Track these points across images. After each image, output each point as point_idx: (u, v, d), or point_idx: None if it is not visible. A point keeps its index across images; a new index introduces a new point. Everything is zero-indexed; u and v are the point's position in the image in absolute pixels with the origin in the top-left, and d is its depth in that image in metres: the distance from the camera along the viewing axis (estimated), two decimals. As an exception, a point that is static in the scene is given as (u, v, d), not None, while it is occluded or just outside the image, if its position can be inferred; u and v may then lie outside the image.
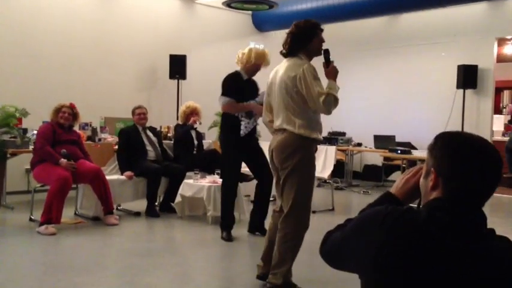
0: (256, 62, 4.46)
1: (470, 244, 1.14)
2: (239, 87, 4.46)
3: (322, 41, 3.16)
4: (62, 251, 4.24)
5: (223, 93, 4.46)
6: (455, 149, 1.22)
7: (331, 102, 2.97)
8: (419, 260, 1.13)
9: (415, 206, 1.34)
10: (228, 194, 4.60)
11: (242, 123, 4.44)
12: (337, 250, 1.34)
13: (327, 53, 3.13)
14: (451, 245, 1.14)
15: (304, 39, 3.11)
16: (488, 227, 1.21)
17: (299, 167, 3.05)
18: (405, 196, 1.42)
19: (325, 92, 2.98)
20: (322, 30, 3.18)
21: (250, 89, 4.53)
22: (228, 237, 4.53)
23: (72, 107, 5.13)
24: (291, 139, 3.07)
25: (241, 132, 4.44)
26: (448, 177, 1.21)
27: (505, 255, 1.16)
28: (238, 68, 4.57)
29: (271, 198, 4.80)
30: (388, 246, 1.16)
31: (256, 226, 4.75)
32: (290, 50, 3.14)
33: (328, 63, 3.12)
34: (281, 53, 3.21)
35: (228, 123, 4.53)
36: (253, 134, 4.59)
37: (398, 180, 1.46)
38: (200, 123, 6.16)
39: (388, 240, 1.17)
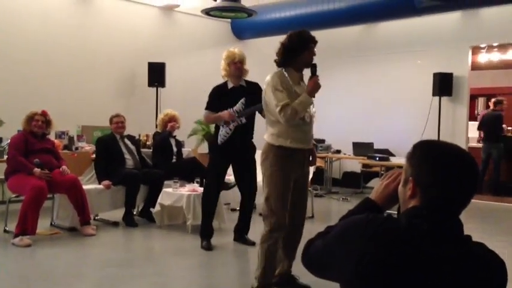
0: (229, 62, 4.41)
1: (449, 251, 1.16)
2: (222, 98, 4.42)
3: (313, 54, 3.24)
4: (38, 262, 4.15)
5: (206, 107, 4.50)
6: (434, 158, 1.23)
7: (286, 113, 3.08)
8: (400, 267, 1.14)
9: (395, 212, 1.35)
10: (208, 202, 4.58)
11: (220, 132, 4.42)
12: (319, 258, 1.33)
13: (313, 67, 3.23)
14: (431, 252, 1.15)
15: (294, 52, 3.20)
16: (465, 231, 1.22)
17: (268, 173, 3.22)
18: (385, 201, 1.43)
19: (282, 103, 3.08)
20: (315, 43, 3.25)
21: (235, 97, 4.42)
22: (208, 247, 4.50)
23: (44, 114, 5.03)
24: (264, 147, 3.29)
25: (218, 141, 4.42)
26: (426, 186, 1.22)
27: (482, 260, 1.18)
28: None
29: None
30: (369, 254, 1.16)
31: (241, 236, 4.74)
32: (282, 60, 3.25)
33: (312, 76, 3.21)
34: (274, 61, 3.31)
35: (214, 133, 4.58)
36: (244, 143, 4.49)
37: (377, 185, 1.47)
38: (178, 127, 6.10)
39: (369, 249, 1.17)
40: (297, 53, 3.19)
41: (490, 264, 1.19)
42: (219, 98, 4.44)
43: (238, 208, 5.05)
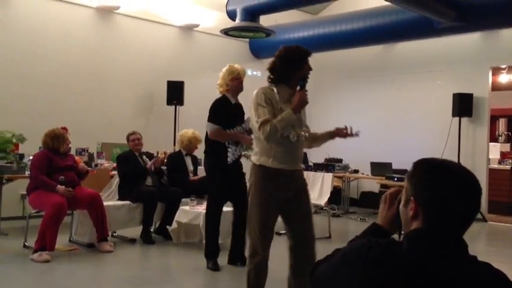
0: (232, 77, 4.43)
1: (453, 272, 1.14)
2: (227, 112, 4.40)
3: (310, 69, 3.04)
4: (55, 278, 4.18)
5: (210, 119, 4.37)
6: (434, 177, 1.22)
7: (266, 130, 2.87)
8: None
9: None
10: (212, 220, 4.48)
11: (229, 150, 4.34)
12: (324, 280, 1.32)
13: (303, 80, 3.01)
14: (433, 275, 1.13)
15: (295, 65, 3.00)
16: (485, 255, 1.21)
17: (251, 192, 3.06)
18: (390, 225, 1.43)
19: (262, 119, 2.89)
20: (310, 55, 3.07)
21: (238, 114, 4.46)
22: (215, 267, 4.41)
23: (65, 130, 5.15)
24: (251, 166, 3.12)
25: (228, 159, 4.34)
26: (427, 205, 1.21)
27: (488, 281, 1.16)
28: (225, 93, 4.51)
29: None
30: (371, 280, 1.15)
31: (235, 257, 4.59)
32: (278, 77, 3.05)
33: (300, 90, 2.99)
34: (269, 79, 3.09)
35: (214, 149, 4.43)
36: (238, 160, 4.50)
37: (380, 209, 1.46)
38: (197, 148, 6.20)
39: (370, 275, 1.16)
40: (298, 66, 2.99)
41: (497, 285, 1.17)
42: (224, 113, 4.39)
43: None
